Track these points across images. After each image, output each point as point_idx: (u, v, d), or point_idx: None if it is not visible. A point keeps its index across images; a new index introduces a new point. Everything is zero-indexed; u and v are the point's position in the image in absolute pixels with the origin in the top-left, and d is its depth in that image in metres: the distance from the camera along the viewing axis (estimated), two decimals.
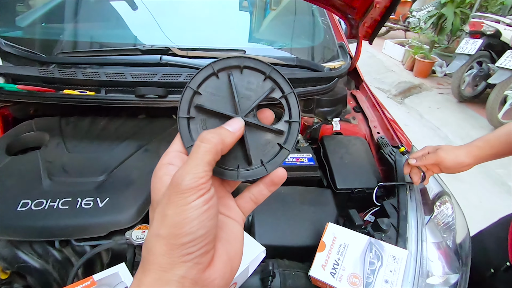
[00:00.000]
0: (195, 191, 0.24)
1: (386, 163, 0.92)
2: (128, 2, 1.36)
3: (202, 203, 0.24)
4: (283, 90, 0.31)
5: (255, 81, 0.31)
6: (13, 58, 0.94)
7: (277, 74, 0.31)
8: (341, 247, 0.62)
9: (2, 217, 0.62)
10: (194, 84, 0.30)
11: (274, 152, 0.31)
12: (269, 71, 0.31)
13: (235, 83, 0.30)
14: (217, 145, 0.26)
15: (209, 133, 0.26)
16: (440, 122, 3.44)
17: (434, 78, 4.48)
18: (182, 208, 0.23)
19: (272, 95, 0.31)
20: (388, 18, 0.99)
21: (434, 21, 4.31)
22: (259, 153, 0.30)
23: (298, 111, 0.31)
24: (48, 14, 1.31)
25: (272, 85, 0.31)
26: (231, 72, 0.30)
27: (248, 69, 0.31)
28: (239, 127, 0.28)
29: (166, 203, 0.24)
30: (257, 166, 0.30)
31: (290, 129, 0.31)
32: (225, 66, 0.30)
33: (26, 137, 0.82)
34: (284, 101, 0.31)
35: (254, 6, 1.57)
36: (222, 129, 0.28)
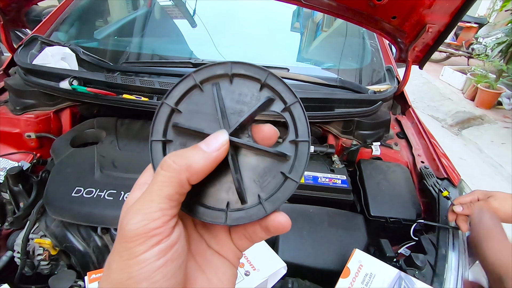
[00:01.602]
0: (145, 239, 0.17)
1: (429, 196, 0.86)
2: (189, 20, 1.51)
3: (155, 257, 0.17)
4: (285, 100, 0.24)
5: (249, 92, 0.24)
6: (87, 64, 1.09)
7: (276, 81, 0.24)
8: (366, 277, 0.59)
9: (59, 199, 0.71)
10: (172, 100, 0.24)
11: (276, 184, 0.23)
12: (265, 78, 0.24)
13: (224, 96, 0.24)
14: (181, 172, 0.19)
15: (172, 156, 0.20)
16: (503, 159, 3.07)
17: (499, 110, 4.04)
18: (126, 262, 0.17)
19: (272, 108, 0.24)
20: (441, 43, 0.95)
21: (503, 49, 3.94)
22: (255, 185, 0.23)
23: (306, 127, 0.23)
24: (120, 29, 1.51)
25: (271, 95, 0.24)
26: (217, 82, 0.24)
27: (239, 77, 0.24)
28: (219, 144, 0.21)
29: (112, 252, 0.18)
30: (253, 205, 0.23)
31: (297, 151, 0.23)
32: (210, 76, 0.24)
33: (87, 133, 0.94)
34: (288, 115, 0.24)
35: (305, 27, 1.62)
36: (193, 149, 0.21)
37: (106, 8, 1.64)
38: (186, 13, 1.56)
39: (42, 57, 1.02)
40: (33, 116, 1.00)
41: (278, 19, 1.58)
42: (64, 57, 1.06)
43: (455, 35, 5.35)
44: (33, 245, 0.73)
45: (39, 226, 0.74)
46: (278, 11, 1.60)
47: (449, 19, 0.85)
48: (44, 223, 0.73)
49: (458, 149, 3.29)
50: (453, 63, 5.45)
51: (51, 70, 0.98)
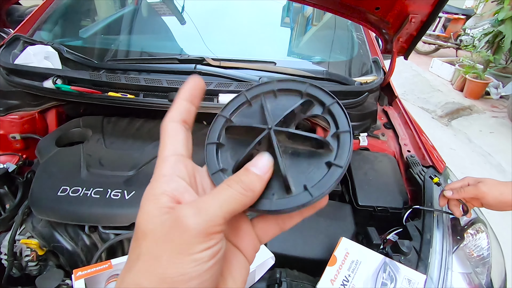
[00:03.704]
0: (205, 240, 0.18)
1: (415, 184, 0.87)
2: (178, 17, 1.49)
3: (208, 257, 0.18)
4: (324, 102, 0.26)
5: (292, 103, 0.26)
6: (71, 63, 1.08)
7: (315, 89, 0.27)
8: (352, 264, 0.60)
9: (45, 199, 0.70)
10: (227, 112, 0.28)
11: (321, 174, 0.23)
12: (305, 88, 0.27)
13: (269, 107, 0.27)
14: (247, 197, 0.20)
15: (239, 181, 0.21)
16: (492, 148, 3.13)
17: (487, 100, 4.11)
18: (182, 258, 0.17)
19: (313, 112, 0.26)
20: (424, 33, 0.96)
21: (489, 39, 3.99)
22: (300, 176, 0.24)
23: (346, 121, 0.25)
24: (106, 27, 1.49)
25: (307, 98, 0.27)
26: (264, 97, 0.27)
27: (282, 92, 0.27)
28: (267, 165, 0.22)
29: (163, 242, 0.18)
30: (299, 193, 0.23)
31: (339, 142, 0.24)
32: (258, 93, 0.28)
33: (73, 132, 0.93)
34: (328, 115, 0.26)
35: (296, 22, 1.62)
36: (247, 173, 0.21)
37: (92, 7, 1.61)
38: (175, 10, 1.54)
39: (24, 56, 1.00)
40: (17, 117, 0.98)
41: (268, 14, 1.58)
42: (47, 56, 1.04)
43: (444, 27, 5.39)
44: (20, 246, 0.72)
45: (26, 227, 0.73)
46: (268, 7, 1.60)
47: (430, 9, 0.86)
48: (31, 223, 0.73)
49: (448, 139, 3.33)
50: (442, 55, 5.51)
51: (34, 70, 0.96)
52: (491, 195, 0.65)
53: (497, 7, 3.84)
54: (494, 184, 0.66)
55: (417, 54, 5.86)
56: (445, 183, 0.82)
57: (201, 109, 0.92)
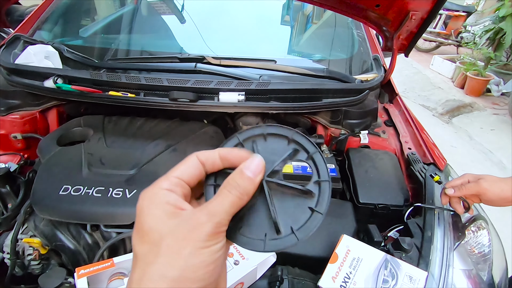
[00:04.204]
0: (216, 237, 0.23)
1: (416, 181, 0.87)
2: (177, 16, 1.49)
3: (219, 248, 0.23)
4: (308, 150, 0.30)
5: (279, 146, 0.30)
6: (72, 62, 1.08)
7: (300, 137, 0.30)
8: (354, 261, 0.60)
9: (46, 198, 0.70)
10: None
11: (305, 217, 0.28)
12: (291, 135, 0.30)
13: (259, 150, 0.30)
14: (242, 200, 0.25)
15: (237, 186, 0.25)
16: (493, 146, 3.12)
17: (488, 97, 4.10)
18: (201, 250, 0.22)
19: (298, 157, 0.31)
20: (425, 30, 0.96)
21: (490, 36, 3.98)
22: (287, 219, 0.28)
23: (326, 170, 0.29)
24: (106, 27, 1.49)
25: (296, 147, 0.30)
26: (255, 140, 0.31)
27: (271, 135, 0.31)
28: (259, 167, 0.26)
29: (183, 240, 0.22)
30: (287, 234, 0.27)
31: (320, 189, 0.29)
32: (250, 136, 0.31)
33: (74, 132, 0.93)
34: (311, 162, 0.30)
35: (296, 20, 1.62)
36: (241, 176, 0.26)
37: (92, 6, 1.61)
38: (175, 9, 1.54)
39: (25, 56, 1.01)
40: (18, 117, 0.98)
41: (268, 13, 1.57)
42: (47, 56, 1.04)
43: (444, 24, 5.38)
44: (23, 245, 0.72)
45: (28, 226, 0.73)
46: (268, 5, 1.59)
47: (431, 6, 0.86)
48: (33, 222, 0.73)
49: (448, 137, 3.33)
50: (443, 52, 5.49)
51: (35, 69, 0.96)
52: (492, 191, 0.65)
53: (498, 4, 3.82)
54: (494, 181, 0.67)
55: (418, 52, 5.84)
56: (446, 181, 0.82)
57: (202, 108, 0.92)
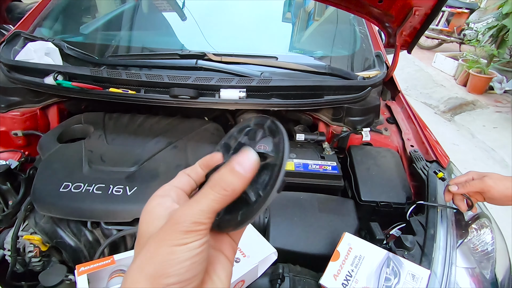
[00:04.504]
0: (194, 235, 0.23)
1: (419, 179, 0.87)
2: (178, 13, 1.48)
3: (197, 246, 0.23)
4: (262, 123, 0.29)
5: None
6: (72, 59, 1.07)
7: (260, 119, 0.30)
8: (356, 259, 0.59)
9: (47, 195, 0.70)
10: None
11: (266, 176, 0.26)
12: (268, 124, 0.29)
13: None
14: (229, 196, 0.24)
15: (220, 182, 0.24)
16: (495, 144, 3.10)
17: (491, 95, 4.07)
18: (175, 248, 0.23)
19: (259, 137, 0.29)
20: (428, 26, 0.95)
21: (493, 33, 3.94)
22: (256, 186, 0.26)
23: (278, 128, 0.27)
24: (107, 23, 1.48)
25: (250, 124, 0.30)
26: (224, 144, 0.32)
27: None
28: (252, 165, 0.25)
29: (161, 239, 0.23)
30: (255, 201, 0.25)
31: (275, 146, 0.27)
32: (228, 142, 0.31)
33: (75, 128, 0.93)
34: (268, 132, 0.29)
35: (297, 17, 1.60)
36: (231, 173, 0.24)
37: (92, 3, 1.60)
38: (176, 6, 1.53)
39: (25, 52, 1.00)
40: (19, 114, 0.98)
41: (269, 9, 1.56)
42: (47, 53, 1.04)
43: (447, 21, 5.33)
44: (23, 242, 0.72)
45: (29, 223, 0.73)
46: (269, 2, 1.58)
47: (435, 1, 0.84)
48: (34, 219, 0.73)
49: (451, 135, 3.31)
50: (445, 50, 5.45)
51: (35, 66, 0.96)
52: (497, 189, 0.64)
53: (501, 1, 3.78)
54: (499, 179, 0.66)
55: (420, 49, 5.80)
56: (449, 178, 0.81)
57: (202, 105, 0.92)
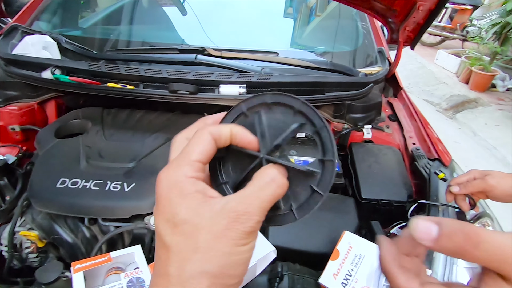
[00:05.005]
0: (255, 235, 0.22)
1: (420, 177, 0.85)
2: (179, 8, 1.46)
3: (254, 245, 0.23)
4: (315, 124, 0.27)
5: (284, 118, 0.28)
6: (71, 53, 1.06)
7: (307, 108, 0.27)
8: (356, 258, 0.58)
9: (44, 191, 0.69)
10: (226, 121, 0.29)
11: (305, 196, 0.27)
12: (298, 105, 0.28)
13: (264, 121, 0.28)
14: (283, 192, 0.24)
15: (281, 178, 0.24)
16: (497, 142, 3.09)
17: (493, 93, 4.04)
18: (239, 248, 0.21)
19: (303, 131, 0.28)
20: (432, 22, 0.93)
21: (497, 30, 3.91)
22: (288, 196, 0.27)
23: (331, 148, 0.27)
24: (106, 18, 1.46)
25: (303, 120, 0.28)
26: (260, 110, 0.29)
27: (277, 105, 0.28)
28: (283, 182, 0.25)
29: (222, 237, 0.21)
30: (285, 212, 0.27)
31: (324, 169, 0.27)
32: (254, 104, 0.29)
33: (72, 124, 0.92)
34: (317, 137, 0.28)
35: (299, 12, 1.58)
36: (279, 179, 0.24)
37: None
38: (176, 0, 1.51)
39: (22, 46, 0.99)
40: (16, 108, 0.97)
41: (271, 5, 1.54)
42: (45, 46, 1.03)
43: (450, 18, 5.28)
44: (20, 238, 0.71)
45: (26, 219, 0.72)
46: None
47: None
48: (31, 215, 0.72)
49: (452, 132, 3.30)
50: (448, 47, 5.41)
51: (32, 60, 0.95)
52: (500, 188, 0.63)
53: None
54: (502, 177, 0.64)
55: (422, 46, 5.76)
56: (451, 177, 0.80)
57: (202, 100, 0.90)
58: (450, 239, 0.20)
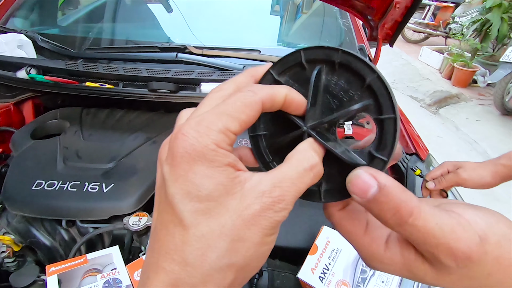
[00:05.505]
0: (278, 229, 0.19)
1: (398, 171, 0.88)
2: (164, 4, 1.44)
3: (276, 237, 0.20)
4: (382, 110, 0.21)
5: (349, 87, 0.22)
6: (47, 52, 1.03)
7: (381, 86, 0.21)
8: (333, 252, 0.60)
9: (18, 194, 0.68)
10: (276, 71, 0.24)
11: (339, 180, 0.23)
12: (371, 78, 0.21)
13: (322, 83, 0.23)
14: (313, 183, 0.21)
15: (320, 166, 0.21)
16: (478, 136, 3.19)
17: (474, 88, 4.17)
18: (267, 239, 0.19)
19: (366, 112, 0.22)
20: (409, 19, 0.95)
21: (477, 27, 4.02)
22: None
23: (390, 148, 0.21)
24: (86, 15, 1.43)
25: (369, 101, 0.22)
26: (322, 66, 0.23)
27: (344, 68, 0.22)
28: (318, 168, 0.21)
29: (250, 223, 0.18)
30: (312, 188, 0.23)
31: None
32: (316, 57, 0.23)
33: (50, 124, 0.90)
34: (378, 126, 0.22)
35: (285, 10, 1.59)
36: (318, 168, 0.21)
37: None
38: None
39: None
40: None
41: (258, 2, 1.54)
42: (20, 45, 1.00)
43: (433, 15, 5.40)
44: None
45: (1, 223, 0.70)
46: None
47: None
48: (6, 219, 0.70)
49: (436, 127, 3.38)
50: (431, 44, 5.53)
51: (6, 59, 0.92)
52: (471, 181, 0.66)
53: None
54: (473, 168, 0.67)
55: (407, 43, 5.87)
56: (427, 170, 0.83)
57: (183, 99, 0.90)
58: (383, 206, 0.18)
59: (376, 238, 0.21)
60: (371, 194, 0.19)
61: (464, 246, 0.17)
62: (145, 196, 0.70)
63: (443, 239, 0.17)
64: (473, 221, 0.18)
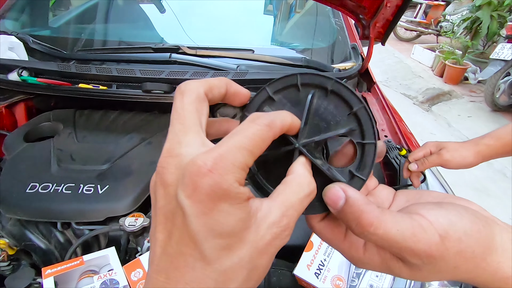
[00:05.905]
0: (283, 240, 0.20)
1: (392, 168, 0.89)
2: (156, 4, 1.44)
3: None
4: (364, 136, 0.25)
5: (337, 112, 0.25)
6: (39, 54, 1.02)
7: (366, 114, 0.25)
8: (328, 248, 0.61)
9: (12, 197, 0.67)
10: (272, 89, 0.26)
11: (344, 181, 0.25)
12: (357, 107, 0.25)
13: (314, 106, 0.25)
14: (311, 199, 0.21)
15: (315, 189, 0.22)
16: (470, 132, 3.24)
17: (466, 85, 4.23)
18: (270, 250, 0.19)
19: (349, 136, 0.25)
20: (400, 17, 0.96)
21: (468, 25, 4.08)
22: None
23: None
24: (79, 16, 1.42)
25: (354, 127, 0.25)
26: (315, 91, 0.25)
27: (335, 94, 0.25)
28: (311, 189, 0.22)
29: (264, 253, 0.19)
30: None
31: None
32: (311, 82, 0.25)
33: (43, 127, 0.89)
34: (360, 150, 0.25)
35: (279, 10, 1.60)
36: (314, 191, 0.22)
37: None
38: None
39: None
40: None
41: (251, 2, 1.54)
42: (11, 47, 0.99)
43: (425, 14, 5.46)
44: None
45: None
46: None
47: None
48: (0, 223, 0.70)
49: (428, 124, 3.42)
50: (423, 42, 5.59)
51: None
52: (454, 161, 0.66)
53: None
54: (455, 149, 0.67)
55: (399, 41, 5.92)
56: None
57: None
58: (349, 217, 0.21)
59: (354, 242, 0.23)
60: (340, 205, 0.21)
61: (425, 246, 0.19)
62: (141, 197, 0.71)
63: (404, 242, 0.20)
64: (435, 221, 0.20)
